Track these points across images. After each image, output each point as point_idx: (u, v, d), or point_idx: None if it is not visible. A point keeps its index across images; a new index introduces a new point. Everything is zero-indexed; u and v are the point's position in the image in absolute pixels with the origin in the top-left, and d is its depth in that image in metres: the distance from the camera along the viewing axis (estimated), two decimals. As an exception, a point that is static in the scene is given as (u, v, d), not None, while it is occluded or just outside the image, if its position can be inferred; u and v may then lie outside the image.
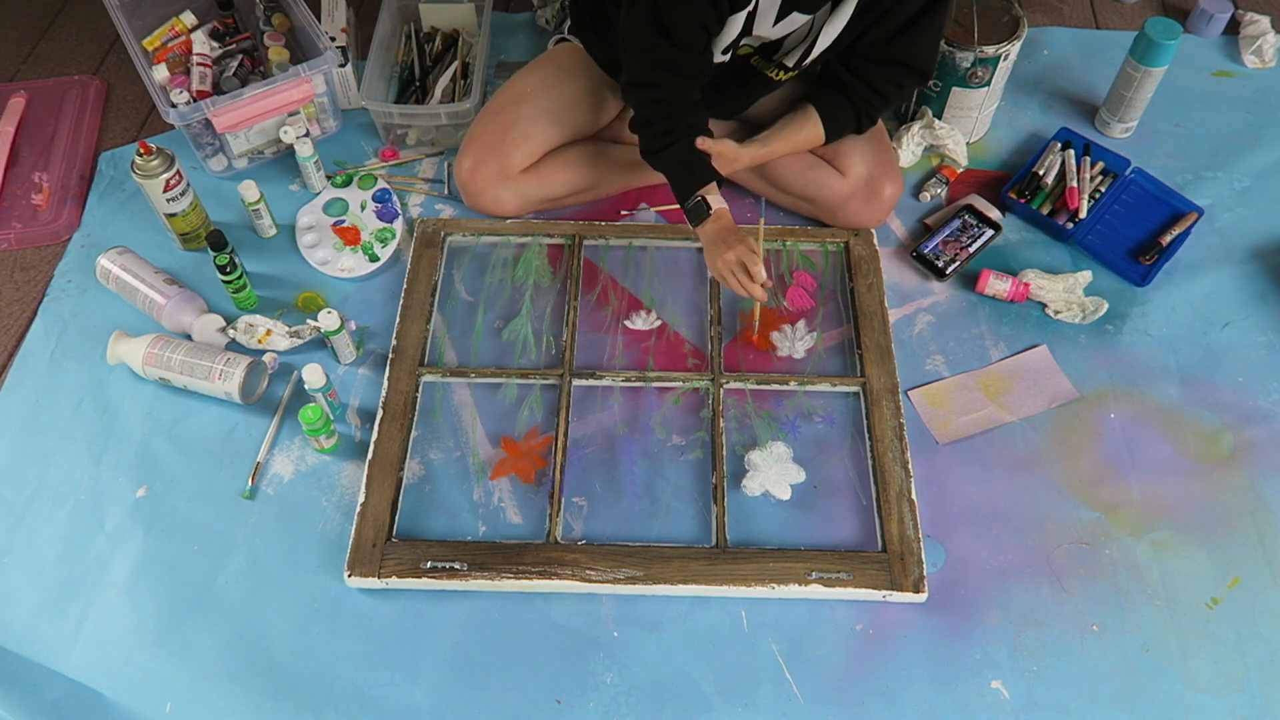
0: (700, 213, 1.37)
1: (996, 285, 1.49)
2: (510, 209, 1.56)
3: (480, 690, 1.16)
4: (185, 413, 1.40)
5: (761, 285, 1.33)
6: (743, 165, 1.47)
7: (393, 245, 1.57)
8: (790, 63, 1.40)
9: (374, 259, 1.56)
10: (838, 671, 1.17)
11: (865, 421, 1.37)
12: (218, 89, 1.67)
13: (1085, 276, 1.51)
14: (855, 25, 1.33)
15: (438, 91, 1.73)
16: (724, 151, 1.42)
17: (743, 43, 1.37)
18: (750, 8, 1.28)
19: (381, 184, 1.66)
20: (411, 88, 1.77)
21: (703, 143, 1.39)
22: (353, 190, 1.65)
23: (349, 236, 1.58)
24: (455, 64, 1.75)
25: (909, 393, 1.41)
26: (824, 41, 1.35)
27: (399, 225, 1.59)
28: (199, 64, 1.67)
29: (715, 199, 1.37)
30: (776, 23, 1.33)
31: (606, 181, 1.61)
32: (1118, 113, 1.71)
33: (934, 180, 1.65)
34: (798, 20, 1.32)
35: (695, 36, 1.28)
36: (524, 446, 1.35)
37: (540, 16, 1.93)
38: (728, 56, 1.37)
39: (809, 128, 1.46)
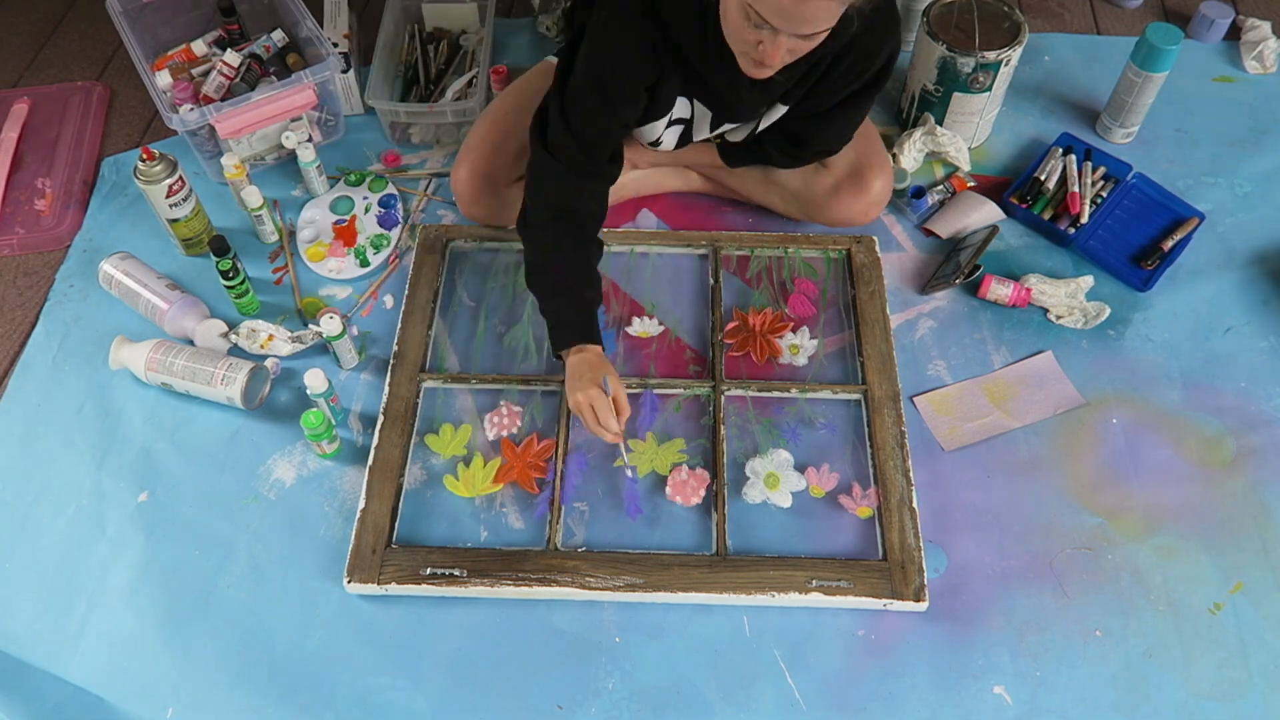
0: (563, 346, 1.32)
1: (998, 290, 1.49)
2: (504, 217, 1.56)
3: (482, 696, 1.16)
4: (187, 418, 1.40)
5: (612, 434, 1.26)
6: (639, 167, 1.57)
7: (385, 253, 1.57)
8: (733, 139, 1.47)
9: (365, 263, 1.56)
10: (840, 676, 1.17)
11: (866, 429, 1.37)
12: (229, 96, 1.68)
13: (1087, 281, 1.51)
14: (790, 111, 1.38)
15: (449, 94, 1.74)
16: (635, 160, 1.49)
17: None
18: (679, 118, 1.34)
19: (391, 190, 1.66)
20: (415, 87, 1.78)
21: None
22: (362, 191, 1.66)
23: (346, 237, 1.58)
24: (474, 72, 1.76)
25: (914, 399, 1.41)
26: (765, 124, 1.41)
27: (396, 234, 1.59)
28: (220, 73, 1.67)
29: None
30: (713, 130, 1.40)
31: None
32: (1119, 118, 1.71)
33: (940, 188, 1.64)
34: (731, 126, 1.40)
35: (607, 157, 1.32)
36: (525, 453, 1.35)
37: (541, 23, 1.93)
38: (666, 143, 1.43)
39: (710, 151, 1.53)
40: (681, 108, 1.34)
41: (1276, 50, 1.87)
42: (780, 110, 1.38)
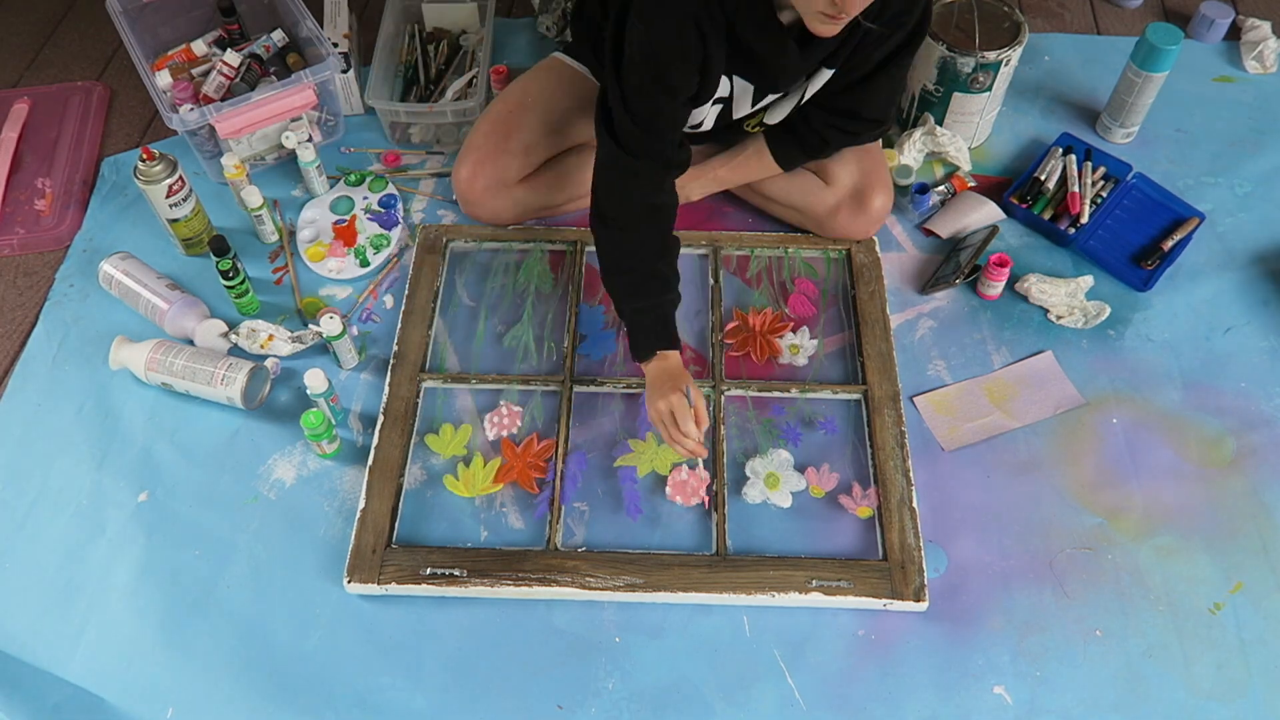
0: (647, 353, 1.30)
1: (991, 288, 1.50)
2: (507, 217, 1.56)
3: (482, 696, 1.16)
4: (187, 418, 1.40)
5: (693, 442, 1.23)
6: (693, 198, 1.54)
7: (385, 253, 1.57)
8: (772, 121, 1.42)
9: (364, 263, 1.56)
10: (840, 676, 1.17)
11: (867, 429, 1.36)
12: (229, 96, 1.68)
13: (1087, 281, 1.51)
14: (832, 81, 1.34)
15: (449, 94, 1.74)
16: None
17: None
18: (718, 97, 1.30)
19: (391, 190, 1.66)
20: (415, 87, 1.78)
21: None
22: (362, 190, 1.66)
23: (346, 237, 1.59)
24: (474, 72, 1.76)
25: (914, 399, 1.41)
26: (809, 92, 1.37)
27: (396, 234, 1.59)
28: (220, 73, 1.67)
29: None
30: (754, 105, 1.35)
31: None
32: (1119, 118, 1.71)
33: (942, 188, 1.64)
34: (774, 97, 1.35)
35: (676, 143, 1.27)
36: (525, 453, 1.35)
37: (541, 23, 1.93)
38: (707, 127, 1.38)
39: (764, 157, 1.48)
40: (721, 86, 1.30)
41: (1276, 50, 1.87)
42: (824, 76, 1.33)
